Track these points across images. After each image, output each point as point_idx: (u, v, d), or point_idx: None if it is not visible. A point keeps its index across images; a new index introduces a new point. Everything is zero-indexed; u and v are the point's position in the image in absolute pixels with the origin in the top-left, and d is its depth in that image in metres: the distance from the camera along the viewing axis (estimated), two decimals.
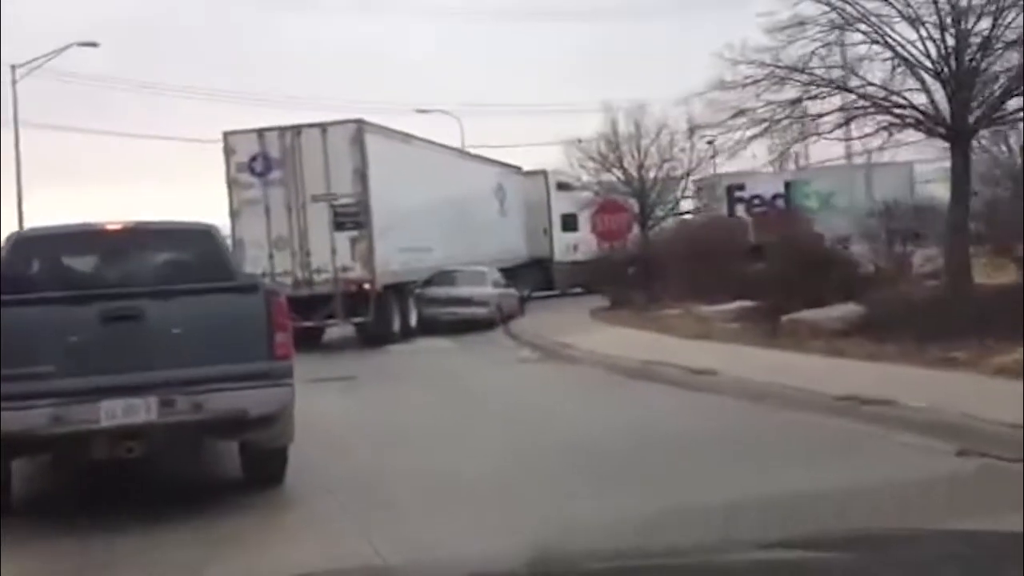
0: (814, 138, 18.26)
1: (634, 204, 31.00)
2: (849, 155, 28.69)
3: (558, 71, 76.53)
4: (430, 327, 25.53)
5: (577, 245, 38.08)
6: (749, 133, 17.05)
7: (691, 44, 65.82)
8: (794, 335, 15.65)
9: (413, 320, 25.46)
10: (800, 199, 37.07)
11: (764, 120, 16.86)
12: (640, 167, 31.77)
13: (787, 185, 37.07)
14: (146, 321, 7.71)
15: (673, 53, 68.59)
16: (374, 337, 23.42)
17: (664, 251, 26.89)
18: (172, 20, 73.23)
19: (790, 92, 16.87)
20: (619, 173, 32.24)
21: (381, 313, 23.41)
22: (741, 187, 36.69)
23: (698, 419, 11.12)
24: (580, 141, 33.09)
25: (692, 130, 31.96)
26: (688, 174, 32.54)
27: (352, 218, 23.23)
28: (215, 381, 7.67)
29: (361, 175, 23.18)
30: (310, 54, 76.94)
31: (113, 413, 7.50)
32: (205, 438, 8.50)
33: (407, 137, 27.11)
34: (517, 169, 37.12)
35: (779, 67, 16.47)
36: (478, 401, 14.03)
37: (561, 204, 37.77)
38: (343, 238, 23.24)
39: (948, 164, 18.28)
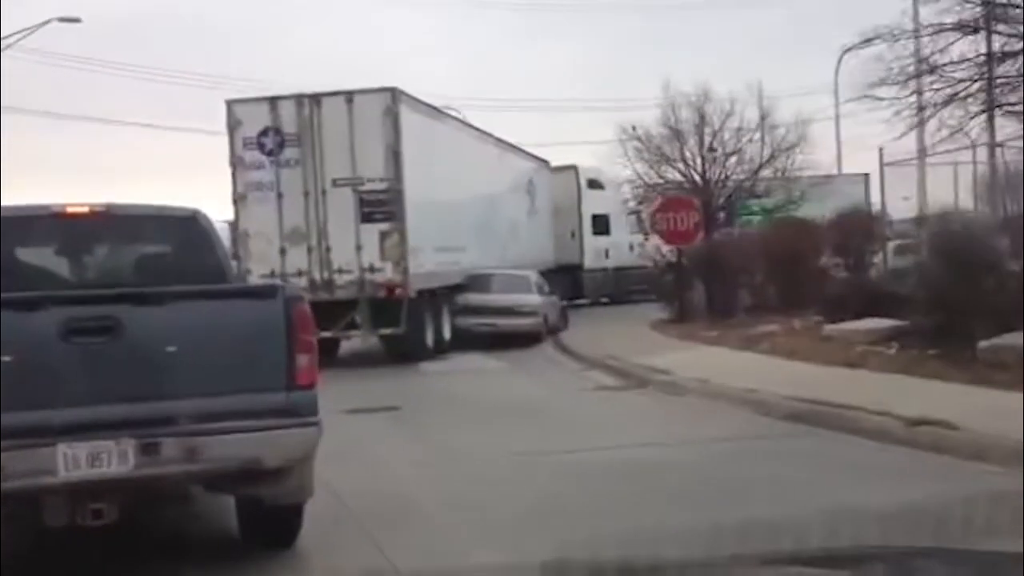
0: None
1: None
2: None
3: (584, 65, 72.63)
4: (464, 341, 21.58)
5: (608, 250, 34.48)
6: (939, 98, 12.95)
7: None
8: (1004, 368, 11.69)
9: (447, 332, 21.45)
10: (743, 213, 34.01)
11: (963, 80, 12.82)
12: (703, 160, 27.84)
13: (729, 197, 33.85)
14: (123, 335, 5.87)
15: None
16: (405, 352, 19.44)
17: (737, 257, 23.01)
18: (173, 6, 69.18)
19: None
20: (680, 167, 28.28)
21: (414, 323, 19.39)
22: None
23: None
24: (635, 128, 29.03)
25: (764, 118, 28.44)
26: (759, 169, 28.60)
27: (382, 207, 19.20)
28: (217, 419, 5.92)
29: (394, 155, 19.13)
30: (320, 45, 73.01)
31: (75, 462, 5.70)
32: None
33: (441, 115, 23.13)
34: (545, 164, 33.18)
35: (1002, 4, 12.31)
36: (592, 453, 9.92)
37: (591, 204, 34.13)
38: (371, 231, 19.19)
39: None
